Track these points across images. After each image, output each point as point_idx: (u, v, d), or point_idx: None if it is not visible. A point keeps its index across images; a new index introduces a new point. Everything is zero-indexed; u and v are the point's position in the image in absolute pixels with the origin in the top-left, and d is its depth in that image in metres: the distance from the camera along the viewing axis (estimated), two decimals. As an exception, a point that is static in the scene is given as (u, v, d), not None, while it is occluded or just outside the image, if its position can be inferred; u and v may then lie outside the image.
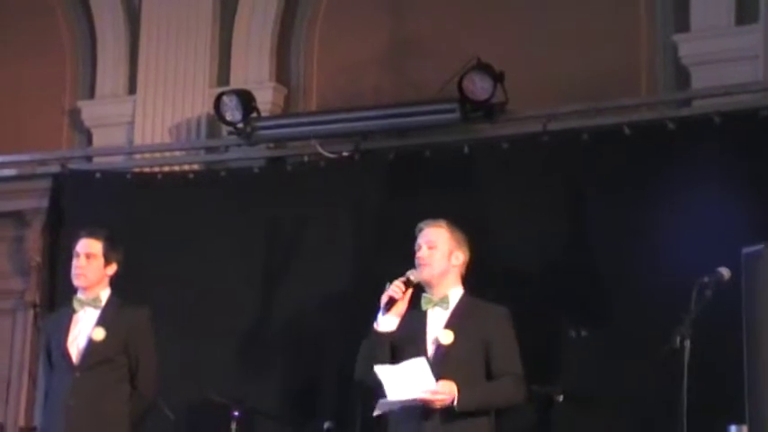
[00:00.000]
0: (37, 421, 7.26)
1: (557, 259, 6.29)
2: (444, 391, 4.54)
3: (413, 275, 4.73)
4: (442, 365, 4.62)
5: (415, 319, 4.75)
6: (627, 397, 5.91)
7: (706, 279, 4.53)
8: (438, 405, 4.54)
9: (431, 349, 4.68)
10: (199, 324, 6.98)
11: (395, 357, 4.71)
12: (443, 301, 4.76)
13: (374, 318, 4.74)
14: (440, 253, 4.78)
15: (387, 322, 4.71)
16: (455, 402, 4.54)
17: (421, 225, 4.88)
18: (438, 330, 4.69)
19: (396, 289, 4.68)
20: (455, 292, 4.80)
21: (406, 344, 4.70)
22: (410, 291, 4.72)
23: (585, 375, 6.02)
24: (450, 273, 4.81)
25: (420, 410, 4.58)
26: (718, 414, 5.09)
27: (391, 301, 4.68)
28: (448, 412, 4.56)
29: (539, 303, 6.11)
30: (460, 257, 4.84)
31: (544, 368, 5.88)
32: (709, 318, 4.48)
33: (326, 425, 6.25)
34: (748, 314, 4.90)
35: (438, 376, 4.58)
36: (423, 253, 4.78)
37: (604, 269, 6.18)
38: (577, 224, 6.34)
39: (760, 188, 5.88)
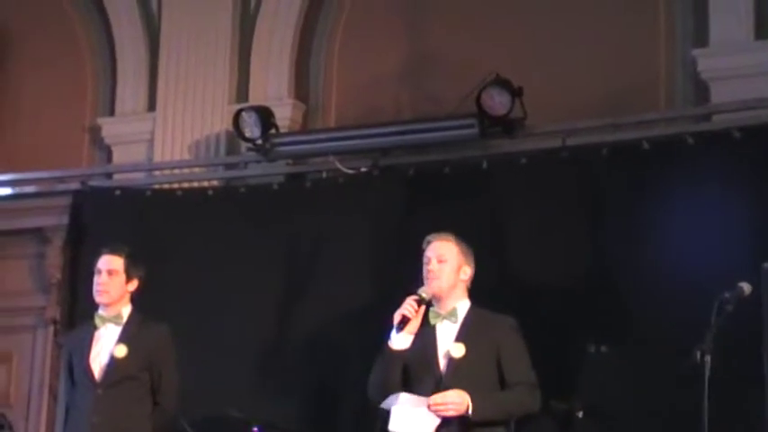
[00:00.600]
0: (57, 437, 7.30)
1: (576, 274, 6.28)
2: (455, 399, 4.52)
3: (424, 293, 4.73)
4: (455, 379, 4.62)
5: (424, 334, 4.75)
6: (647, 412, 5.88)
7: (727, 294, 4.52)
8: (452, 412, 4.52)
9: (442, 363, 4.68)
10: (218, 340, 6.98)
11: (406, 374, 4.71)
12: (451, 314, 4.76)
13: (387, 335, 4.73)
14: (449, 267, 4.80)
15: (401, 340, 4.72)
16: (470, 410, 4.52)
17: (429, 238, 4.89)
18: (448, 344, 4.69)
19: (409, 308, 4.67)
20: (462, 305, 4.81)
21: (417, 360, 4.71)
22: (423, 308, 4.72)
23: (605, 391, 5.99)
24: (458, 287, 4.83)
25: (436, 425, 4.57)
26: (739, 429, 5.06)
27: (405, 320, 4.67)
28: (464, 423, 4.54)
29: (558, 318, 6.10)
30: (468, 272, 4.86)
31: (564, 384, 5.87)
32: (729, 333, 4.47)
33: (345, 441, 6.25)
34: (768, 328, 4.89)
35: (451, 389, 4.57)
36: (433, 266, 4.79)
37: (624, 284, 6.17)
38: (597, 239, 6.33)
39: (780, 202, 5.87)
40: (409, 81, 7.41)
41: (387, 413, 4.73)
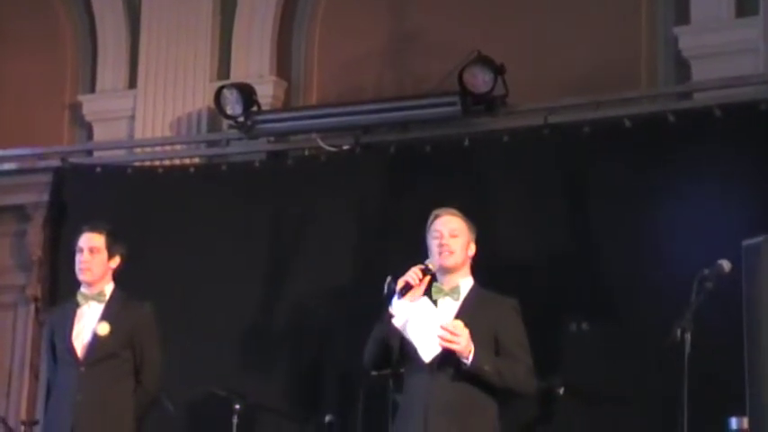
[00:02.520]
0: (39, 415, 7.28)
1: (557, 252, 6.29)
2: (465, 335, 4.51)
3: (431, 264, 4.71)
4: (449, 354, 4.60)
5: None
6: (628, 389, 5.91)
7: (707, 272, 4.53)
8: (456, 346, 4.50)
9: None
10: (201, 318, 6.98)
11: (404, 344, 4.70)
12: (454, 291, 4.75)
13: (389, 303, 4.69)
14: (461, 241, 4.77)
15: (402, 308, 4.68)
16: (470, 356, 4.52)
17: (437, 212, 4.84)
18: (447, 320, 4.66)
19: (413, 275, 4.64)
20: (466, 283, 4.79)
21: None
22: (427, 279, 4.69)
23: (586, 368, 6.03)
24: (465, 263, 4.81)
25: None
26: (718, 406, 5.09)
27: (407, 287, 4.64)
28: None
29: (540, 297, 6.10)
30: (473, 248, 4.84)
31: (545, 361, 5.88)
32: (709, 310, 4.50)
33: (328, 418, 6.26)
34: (749, 306, 4.90)
35: (444, 365, 4.58)
36: (447, 240, 4.74)
37: (605, 262, 6.19)
38: (578, 217, 6.34)
39: (760, 180, 5.88)
40: (391, 59, 7.40)
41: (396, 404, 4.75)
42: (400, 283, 4.66)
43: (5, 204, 8.03)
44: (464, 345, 4.52)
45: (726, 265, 4.59)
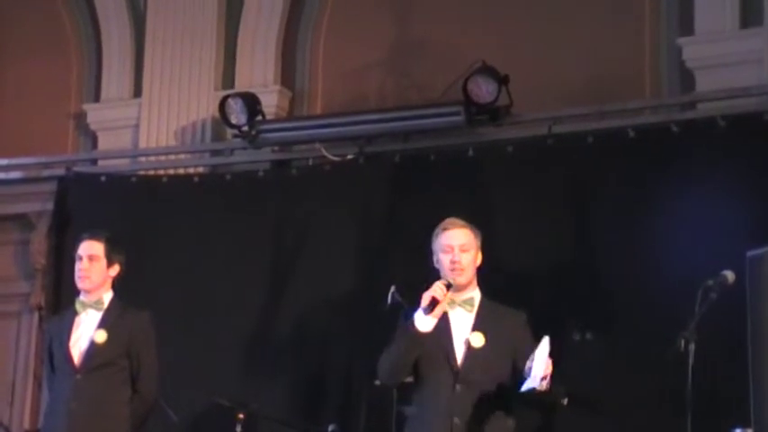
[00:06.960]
0: (42, 424, 7.28)
1: (561, 262, 6.29)
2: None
3: (451, 279, 4.68)
4: (473, 368, 4.61)
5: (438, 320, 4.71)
6: (631, 400, 5.91)
7: (710, 282, 4.54)
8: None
9: (460, 351, 4.65)
10: (204, 327, 6.98)
11: (420, 356, 4.68)
12: (467, 302, 4.73)
13: (407, 318, 4.66)
14: (471, 256, 4.74)
15: (427, 323, 4.61)
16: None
17: (445, 225, 4.79)
18: (464, 332, 4.66)
19: (438, 290, 4.60)
20: (477, 294, 4.78)
21: (431, 345, 4.64)
22: (449, 293, 4.67)
23: (590, 378, 6.01)
24: (474, 274, 4.79)
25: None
26: (723, 417, 5.08)
27: (434, 302, 4.60)
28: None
29: (543, 306, 6.09)
30: (480, 257, 4.82)
31: (549, 371, 5.89)
32: (713, 321, 4.49)
33: (331, 427, 6.25)
34: (753, 317, 4.90)
35: (469, 378, 4.58)
36: (458, 257, 4.70)
37: (609, 272, 6.18)
38: (582, 227, 6.35)
39: (764, 191, 5.88)
40: (395, 68, 7.41)
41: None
42: (426, 299, 4.59)
43: (9, 213, 8.04)
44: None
45: (730, 275, 4.60)
